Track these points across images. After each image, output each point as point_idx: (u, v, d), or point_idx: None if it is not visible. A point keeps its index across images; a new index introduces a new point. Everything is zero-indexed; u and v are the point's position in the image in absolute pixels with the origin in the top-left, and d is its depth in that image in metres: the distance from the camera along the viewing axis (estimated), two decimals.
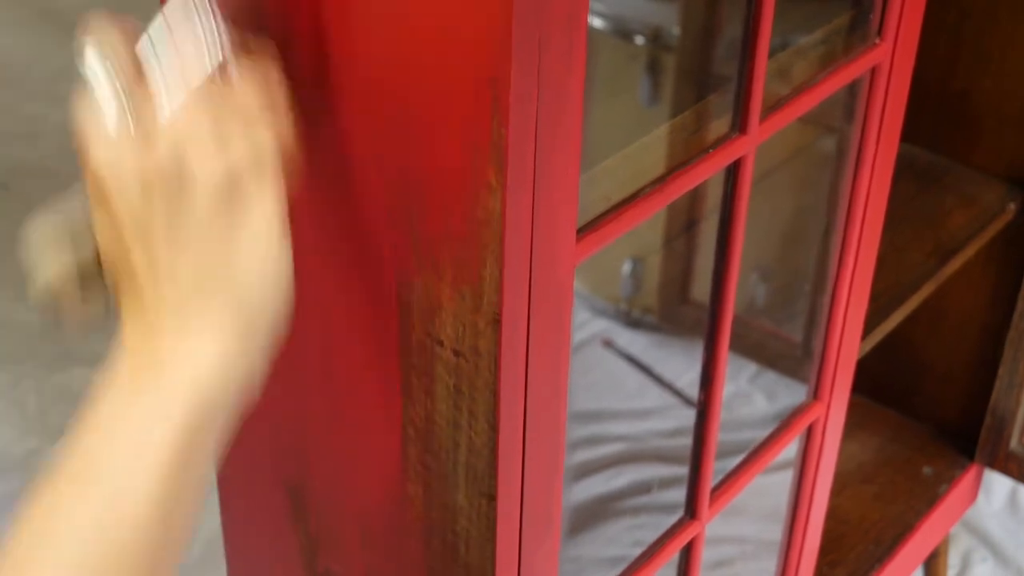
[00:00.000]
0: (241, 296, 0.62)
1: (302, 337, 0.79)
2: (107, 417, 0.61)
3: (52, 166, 2.38)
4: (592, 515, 1.41)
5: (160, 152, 0.60)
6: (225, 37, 0.62)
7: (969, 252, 1.36)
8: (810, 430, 1.08)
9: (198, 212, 0.60)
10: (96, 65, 0.61)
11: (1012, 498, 1.80)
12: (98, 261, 0.64)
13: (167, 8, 0.62)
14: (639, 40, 1.65)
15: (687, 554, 0.97)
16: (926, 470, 1.53)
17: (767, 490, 1.12)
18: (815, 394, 1.07)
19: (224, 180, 0.60)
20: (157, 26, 0.62)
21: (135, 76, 0.62)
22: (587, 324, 1.63)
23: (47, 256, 0.63)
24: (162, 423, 0.60)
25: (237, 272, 0.62)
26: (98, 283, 0.64)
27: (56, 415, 1.88)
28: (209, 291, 0.61)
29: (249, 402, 0.64)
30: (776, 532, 1.17)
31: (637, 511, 1.41)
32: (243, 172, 0.61)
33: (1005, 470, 1.53)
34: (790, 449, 1.07)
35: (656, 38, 1.64)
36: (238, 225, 0.61)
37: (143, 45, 0.62)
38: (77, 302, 0.62)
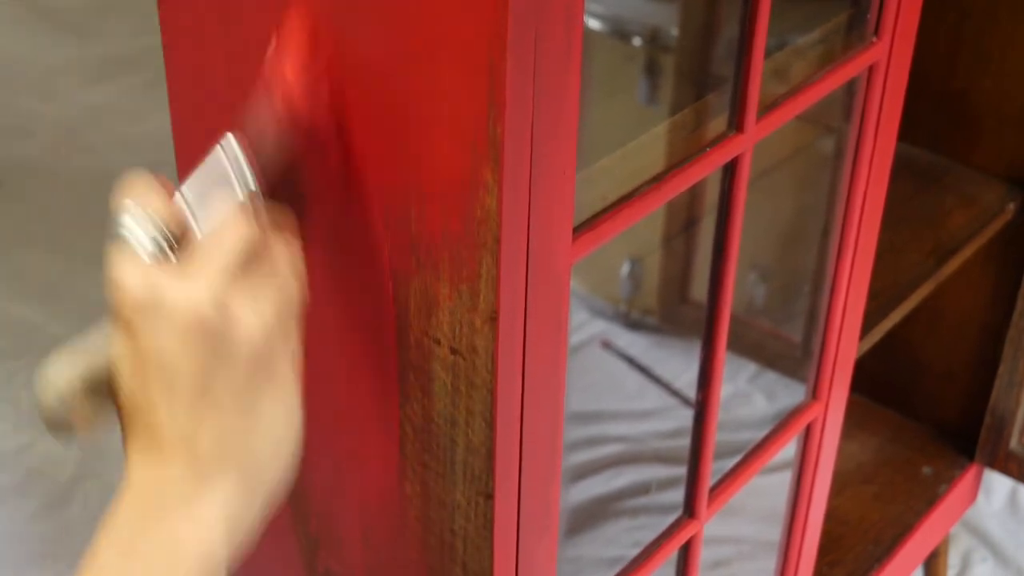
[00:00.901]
0: (257, 457, 0.61)
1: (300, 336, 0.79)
2: (112, 564, 0.60)
3: (46, 163, 2.39)
4: (591, 515, 1.41)
5: (204, 296, 0.58)
6: (255, 185, 0.63)
7: (968, 252, 1.36)
8: (809, 430, 1.08)
9: (233, 368, 0.59)
10: (132, 219, 0.61)
11: (1012, 498, 1.80)
12: (108, 371, 0.63)
13: (202, 165, 0.63)
14: (637, 41, 1.65)
15: (686, 554, 0.97)
16: (926, 470, 1.53)
17: (766, 490, 1.12)
18: (814, 394, 1.07)
19: (261, 338, 0.60)
20: (191, 181, 0.63)
21: (170, 220, 0.61)
22: (586, 325, 1.63)
23: (59, 368, 0.62)
24: None
25: (257, 433, 0.61)
26: (107, 393, 0.63)
27: None
28: (228, 449, 0.60)
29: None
30: (775, 532, 1.16)
31: (636, 512, 1.41)
32: (274, 333, 0.61)
33: (1005, 470, 1.53)
34: (789, 449, 1.07)
35: (654, 39, 1.64)
36: (265, 387, 0.61)
37: (177, 200, 0.62)
38: (86, 414, 0.62)
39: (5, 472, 1.79)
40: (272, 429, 0.62)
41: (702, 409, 0.92)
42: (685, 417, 0.98)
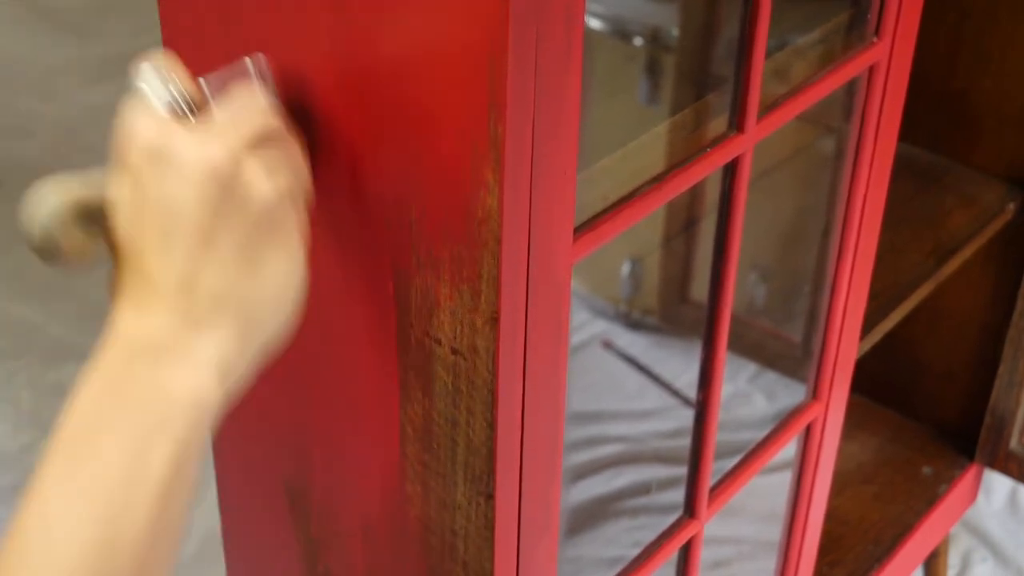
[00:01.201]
0: (254, 312, 0.61)
1: (301, 337, 0.79)
2: (99, 414, 0.59)
3: (46, 162, 2.39)
4: (591, 516, 1.41)
5: (220, 153, 0.58)
6: (274, 93, 0.65)
7: (968, 252, 1.36)
8: (809, 430, 1.08)
9: (240, 223, 0.60)
10: (152, 75, 0.61)
11: (1012, 498, 1.80)
12: (104, 204, 0.61)
13: (227, 67, 0.64)
14: (638, 41, 1.65)
15: (686, 553, 0.97)
16: (926, 470, 1.53)
17: (766, 490, 1.12)
18: (814, 394, 1.07)
19: (272, 200, 0.60)
20: (215, 74, 0.64)
21: (191, 91, 0.62)
22: (587, 325, 1.63)
23: (51, 192, 0.60)
24: (161, 438, 0.58)
25: (257, 289, 0.61)
26: (100, 225, 0.61)
27: (50, 411, 1.88)
28: (225, 300, 0.60)
29: (237, 400, 0.64)
30: (775, 532, 1.16)
31: (636, 512, 1.41)
32: (285, 201, 0.61)
33: (1005, 470, 1.53)
34: (789, 449, 1.07)
35: (655, 39, 1.64)
36: (270, 246, 0.61)
37: (200, 83, 0.63)
38: (77, 240, 0.60)
39: (6, 472, 1.79)
40: (273, 283, 0.61)
41: (702, 409, 0.92)
42: (685, 417, 0.98)
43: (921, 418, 1.58)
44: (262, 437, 0.87)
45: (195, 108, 0.61)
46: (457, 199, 0.65)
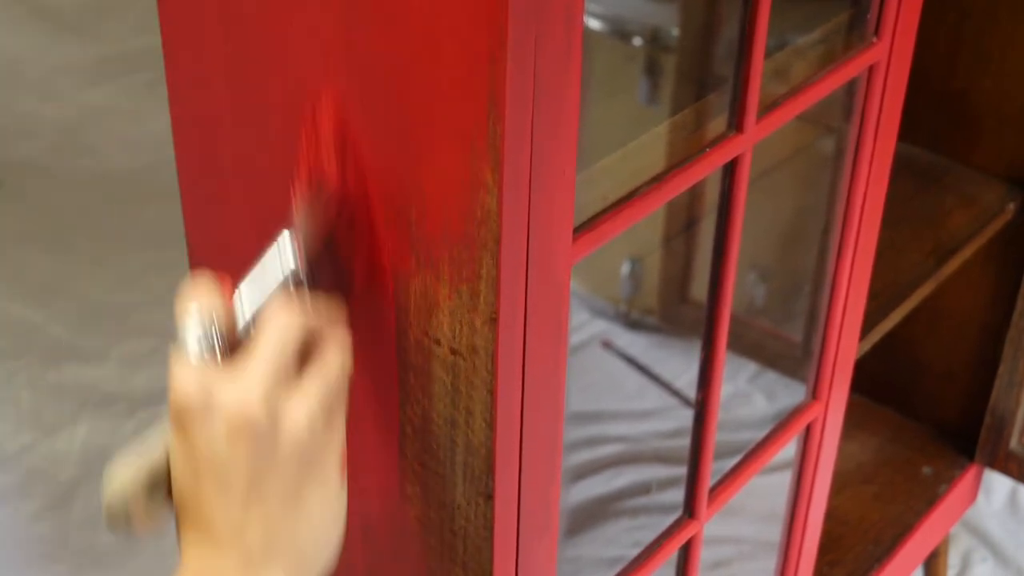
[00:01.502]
0: (304, 548, 0.64)
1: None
2: None
3: (47, 163, 2.39)
4: (591, 516, 1.41)
5: (255, 401, 0.62)
6: (305, 279, 0.66)
7: (968, 252, 1.36)
8: (809, 430, 1.08)
9: (282, 466, 0.63)
10: (191, 322, 0.65)
11: (1012, 498, 1.80)
12: (166, 468, 0.66)
13: (259, 262, 0.67)
14: (637, 41, 1.65)
15: (685, 553, 0.97)
16: (926, 470, 1.53)
17: (766, 490, 1.12)
18: (814, 394, 1.07)
19: (308, 438, 0.63)
20: (249, 279, 0.67)
21: (227, 322, 0.65)
22: (586, 325, 1.63)
23: (122, 471, 0.65)
24: None
25: (304, 526, 0.64)
26: (166, 494, 0.66)
27: (50, 411, 1.88)
28: (276, 542, 0.64)
29: None
30: (775, 532, 1.16)
31: (636, 512, 1.41)
32: (320, 432, 0.64)
33: (1005, 470, 1.53)
34: (789, 449, 1.07)
35: (654, 39, 1.64)
36: (312, 482, 0.64)
37: (236, 299, 0.67)
38: (145, 510, 0.65)
39: (6, 472, 1.79)
40: (317, 519, 0.65)
41: (702, 409, 0.92)
42: (685, 417, 0.98)
43: (921, 418, 1.58)
44: None
45: (232, 341, 0.65)
46: (456, 199, 0.65)
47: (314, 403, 0.63)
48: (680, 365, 1.56)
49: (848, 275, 1.01)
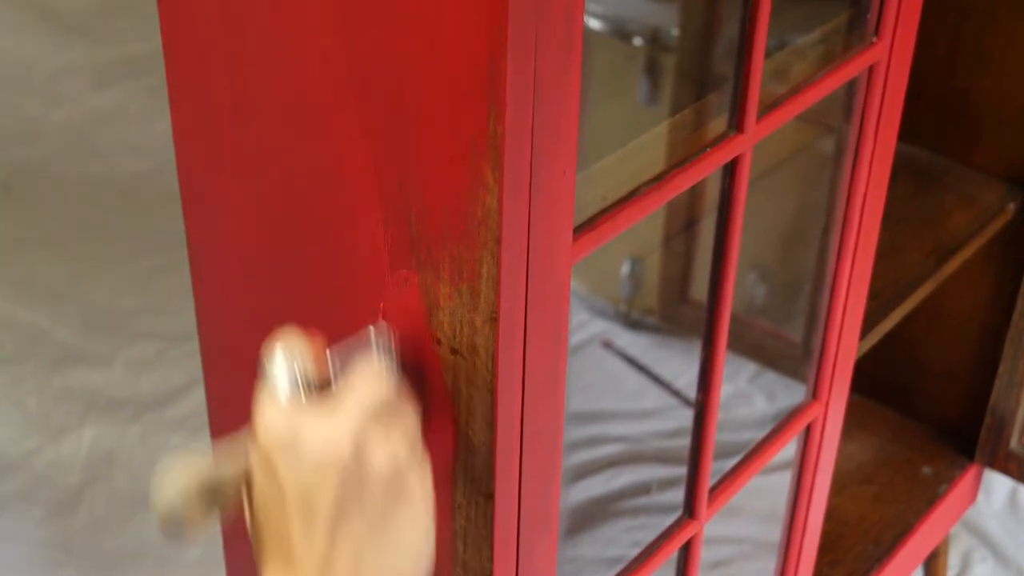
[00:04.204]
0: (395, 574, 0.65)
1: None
2: None
3: (54, 167, 2.39)
4: (591, 516, 1.41)
5: (343, 437, 0.63)
6: (393, 360, 0.70)
7: (968, 252, 1.36)
8: (809, 430, 1.08)
9: (368, 499, 0.64)
10: (281, 359, 0.67)
11: (1012, 498, 1.80)
12: (227, 482, 0.67)
13: (353, 336, 0.70)
14: (637, 41, 1.65)
15: (686, 553, 0.97)
16: (926, 470, 1.53)
17: (766, 490, 1.12)
18: (814, 394, 1.07)
19: (393, 471, 0.64)
20: (341, 345, 0.69)
21: (315, 372, 0.67)
22: (587, 325, 1.63)
23: (179, 474, 0.66)
24: None
25: (391, 558, 0.65)
26: (222, 499, 0.67)
27: (56, 416, 1.88)
28: (363, 573, 0.64)
29: None
30: (775, 532, 1.17)
31: (636, 512, 1.41)
32: (405, 469, 0.65)
33: (1005, 470, 1.53)
34: (789, 449, 1.07)
35: (654, 39, 1.64)
36: (398, 515, 0.65)
37: (326, 356, 0.68)
38: (198, 515, 0.66)
39: (12, 477, 1.79)
40: (405, 552, 0.65)
41: (702, 409, 0.92)
42: (685, 417, 0.98)
43: (921, 418, 1.58)
44: None
45: (320, 386, 0.67)
46: (457, 199, 0.65)
47: (397, 442, 0.65)
48: (680, 365, 1.56)
49: (848, 275, 1.01)
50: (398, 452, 0.65)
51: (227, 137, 0.77)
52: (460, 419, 0.71)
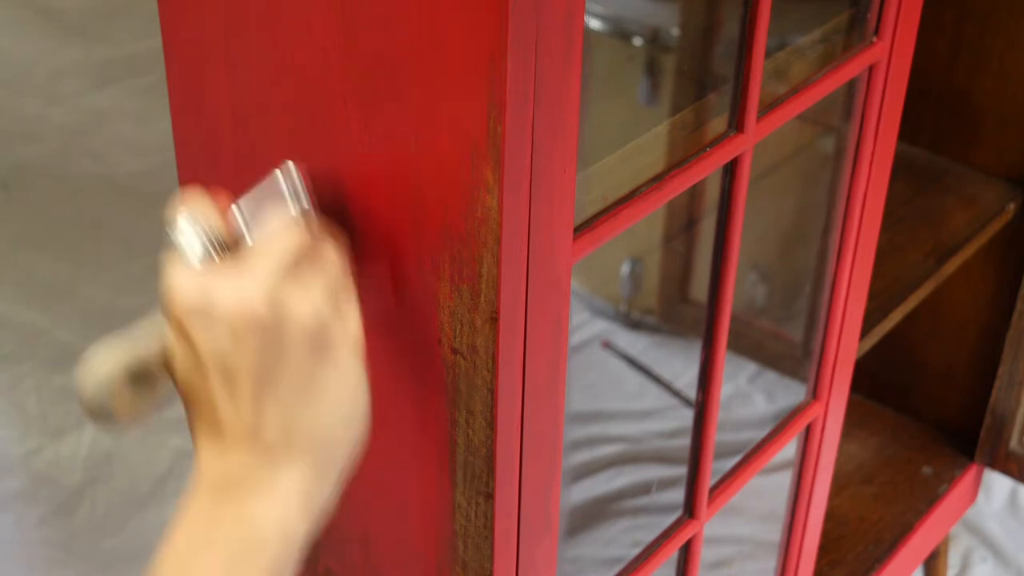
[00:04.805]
0: (325, 438, 0.63)
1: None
2: (189, 550, 0.61)
3: (52, 166, 2.39)
4: (591, 516, 1.41)
5: (257, 296, 0.60)
6: (308, 204, 0.67)
7: (968, 252, 1.36)
8: (809, 430, 1.08)
9: (290, 359, 0.61)
10: (186, 225, 0.64)
11: (1012, 498, 1.80)
12: (153, 363, 0.64)
13: (260, 184, 0.67)
14: (637, 41, 1.65)
15: (686, 553, 0.97)
16: (926, 470, 1.53)
17: (766, 490, 1.12)
18: (814, 394, 1.07)
19: (315, 325, 0.61)
20: (247, 197, 0.66)
21: (224, 232, 0.64)
22: (587, 325, 1.63)
23: (99, 363, 0.63)
24: (252, 569, 0.60)
25: (323, 416, 0.63)
26: (151, 383, 0.64)
27: (56, 415, 1.88)
28: (295, 435, 0.62)
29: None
30: (775, 532, 1.17)
31: (636, 512, 1.41)
32: (328, 321, 0.62)
33: (1005, 470, 1.53)
34: (789, 449, 1.07)
35: (654, 39, 1.64)
36: (325, 370, 0.62)
37: (232, 212, 0.66)
38: (128, 402, 0.63)
39: (12, 477, 1.79)
40: (337, 408, 0.63)
41: (702, 409, 0.92)
42: (685, 417, 0.98)
43: (921, 418, 1.58)
44: None
45: (226, 250, 0.64)
46: (456, 199, 0.65)
47: (317, 296, 0.62)
48: (680, 365, 1.56)
49: (848, 275, 1.01)
50: (319, 305, 0.61)
51: (227, 137, 0.77)
52: (460, 419, 0.71)
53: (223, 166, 0.79)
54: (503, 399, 0.69)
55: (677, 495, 0.96)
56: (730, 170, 0.83)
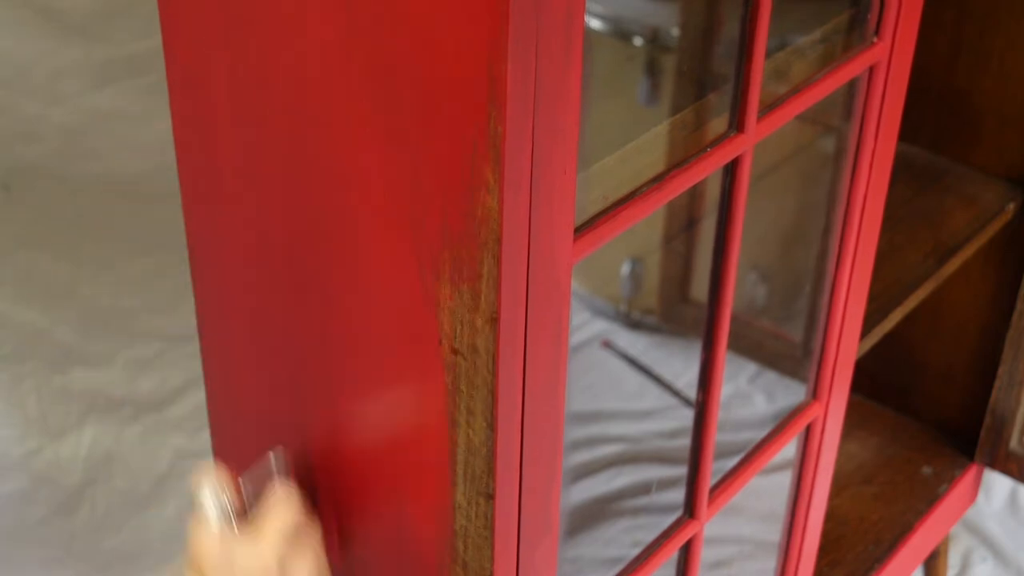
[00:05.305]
0: None
1: (299, 337, 0.80)
2: None
3: (53, 166, 2.39)
4: (591, 516, 1.41)
5: (269, 556, 0.77)
6: (288, 472, 0.83)
7: (968, 252, 1.36)
8: (809, 430, 1.08)
9: None
10: (208, 492, 0.78)
11: (1012, 498, 1.80)
12: None
13: (257, 463, 0.82)
14: (637, 41, 1.65)
15: (686, 553, 0.97)
16: (926, 470, 1.53)
17: (766, 490, 1.12)
18: (814, 394, 1.07)
19: None
20: (248, 473, 0.81)
21: (236, 501, 0.79)
22: (587, 325, 1.63)
23: None
24: None
25: None
26: None
27: (56, 415, 1.88)
28: None
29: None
30: (775, 532, 1.17)
31: (636, 512, 1.41)
32: (319, 574, 0.80)
33: (1005, 470, 1.53)
34: (789, 449, 1.07)
35: (654, 39, 1.64)
36: None
37: (240, 484, 0.80)
38: None
39: (12, 478, 1.79)
40: None
41: (702, 409, 0.92)
42: (685, 417, 0.98)
43: (921, 418, 1.58)
44: (263, 437, 0.87)
45: (239, 512, 0.79)
46: (457, 199, 0.65)
47: (309, 557, 0.79)
48: (680, 365, 1.56)
49: (848, 275, 1.01)
50: (311, 565, 0.79)
51: (227, 137, 0.77)
52: (460, 419, 0.71)
53: (223, 166, 0.79)
54: (503, 399, 0.69)
55: (677, 495, 0.96)
56: (730, 170, 0.83)
